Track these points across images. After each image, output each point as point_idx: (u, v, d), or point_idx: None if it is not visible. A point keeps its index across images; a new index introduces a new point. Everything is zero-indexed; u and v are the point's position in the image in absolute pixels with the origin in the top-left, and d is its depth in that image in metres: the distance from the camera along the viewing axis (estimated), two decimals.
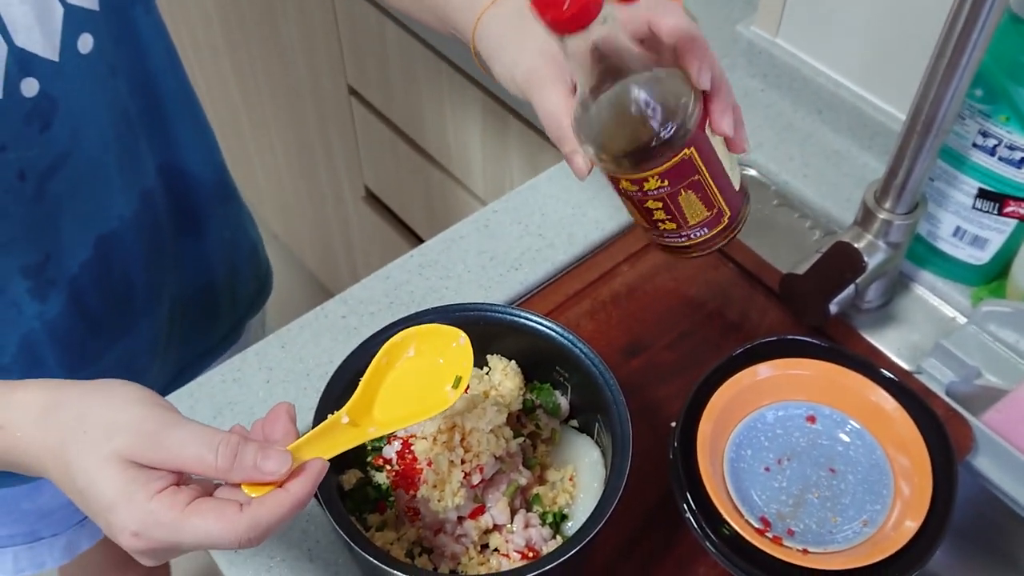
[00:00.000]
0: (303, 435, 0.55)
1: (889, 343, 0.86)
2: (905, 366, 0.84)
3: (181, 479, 0.51)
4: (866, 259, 0.78)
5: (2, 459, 0.54)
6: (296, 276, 2.14)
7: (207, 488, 0.52)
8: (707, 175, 0.61)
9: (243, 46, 1.70)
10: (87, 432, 0.50)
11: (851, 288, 0.80)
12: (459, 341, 0.60)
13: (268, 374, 0.82)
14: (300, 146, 1.75)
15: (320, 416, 0.64)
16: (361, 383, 0.59)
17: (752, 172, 0.99)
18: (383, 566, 0.59)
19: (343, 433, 0.57)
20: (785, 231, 0.94)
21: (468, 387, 0.70)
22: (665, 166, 0.59)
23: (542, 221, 0.93)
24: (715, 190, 0.62)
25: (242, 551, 0.72)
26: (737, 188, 0.64)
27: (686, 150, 0.58)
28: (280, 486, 0.52)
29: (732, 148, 0.63)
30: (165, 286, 0.87)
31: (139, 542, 0.49)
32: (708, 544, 0.69)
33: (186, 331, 0.92)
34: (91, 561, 1.16)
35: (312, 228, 1.94)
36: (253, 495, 0.51)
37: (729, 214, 0.64)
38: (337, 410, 0.58)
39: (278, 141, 1.83)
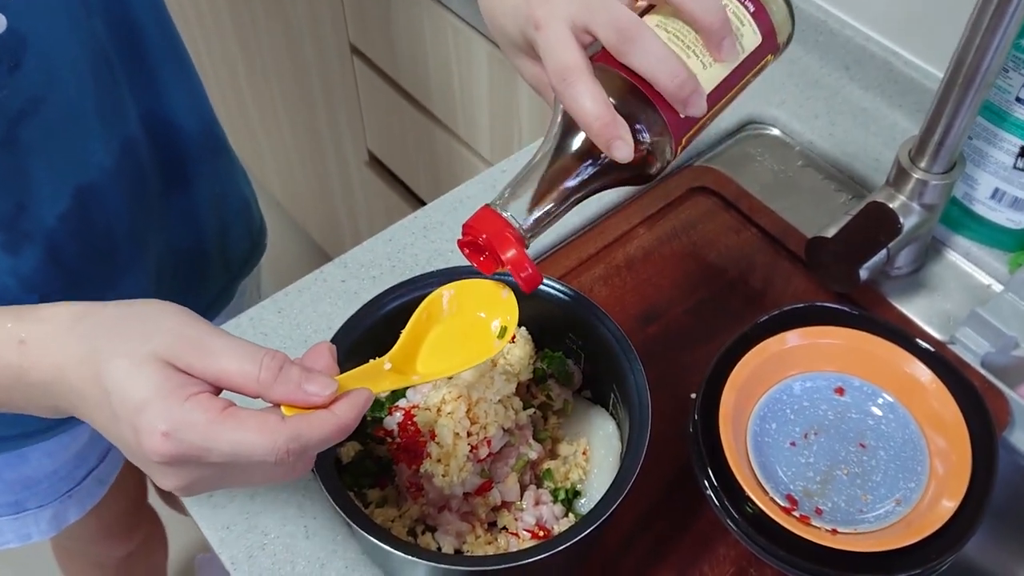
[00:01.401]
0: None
1: (920, 311, 0.81)
2: (937, 336, 0.80)
3: (218, 394, 0.48)
4: (902, 220, 0.73)
5: (15, 388, 0.50)
6: (298, 244, 2.09)
7: None
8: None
9: (244, 4, 1.65)
10: (121, 335, 0.48)
11: (883, 252, 0.75)
12: (502, 295, 0.58)
13: (263, 340, 0.77)
14: (302, 110, 1.70)
15: None
16: (402, 335, 0.57)
17: (775, 131, 0.94)
18: (383, 545, 0.55)
19: (386, 376, 0.54)
20: (810, 193, 0.89)
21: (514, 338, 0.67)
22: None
23: None
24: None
25: (233, 528, 0.68)
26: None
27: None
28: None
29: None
30: (150, 242, 0.82)
31: (168, 444, 0.45)
32: (730, 523, 0.64)
33: (175, 291, 0.88)
34: (82, 533, 1.13)
35: (314, 194, 1.89)
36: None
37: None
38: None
39: (280, 105, 1.78)
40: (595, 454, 0.65)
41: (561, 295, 0.66)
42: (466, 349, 0.57)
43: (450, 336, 0.58)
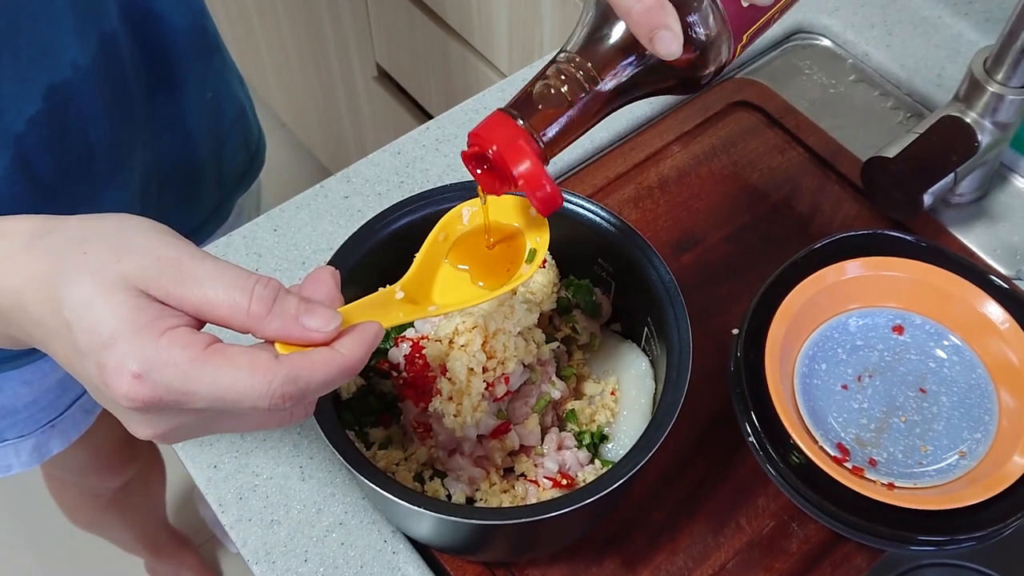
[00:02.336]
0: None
1: (983, 243, 0.73)
2: (1002, 270, 0.72)
3: (200, 328, 0.41)
4: (980, 137, 0.65)
5: None
6: (302, 165, 2.01)
7: None
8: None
9: None
10: (88, 253, 0.40)
11: (950, 176, 0.67)
12: (531, 212, 0.50)
13: (257, 261, 0.70)
14: (308, 22, 1.60)
15: None
16: (416, 259, 0.49)
17: (826, 42, 0.85)
18: (384, 493, 0.48)
19: (398, 307, 0.47)
20: (863, 111, 0.81)
21: (545, 262, 0.59)
22: None
23: None
24: None
25: (222, 467, 0.61)
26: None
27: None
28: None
29: None
30: (135, 152, 0.74)
31: (141, 388, 0.38)
32: (773, 472, 0.58)
33: (163, 209, 0.80)
34: (71, 464, 1.07)
35: (319, 112, 1.80)
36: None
37: None
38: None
39: (285, 18, 1.68)
40: (625, 394, 0.58)
41: (590, 215, 0.58)
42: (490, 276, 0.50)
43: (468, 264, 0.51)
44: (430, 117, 1.43)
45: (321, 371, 0.40)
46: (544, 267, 0.59)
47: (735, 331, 0.62)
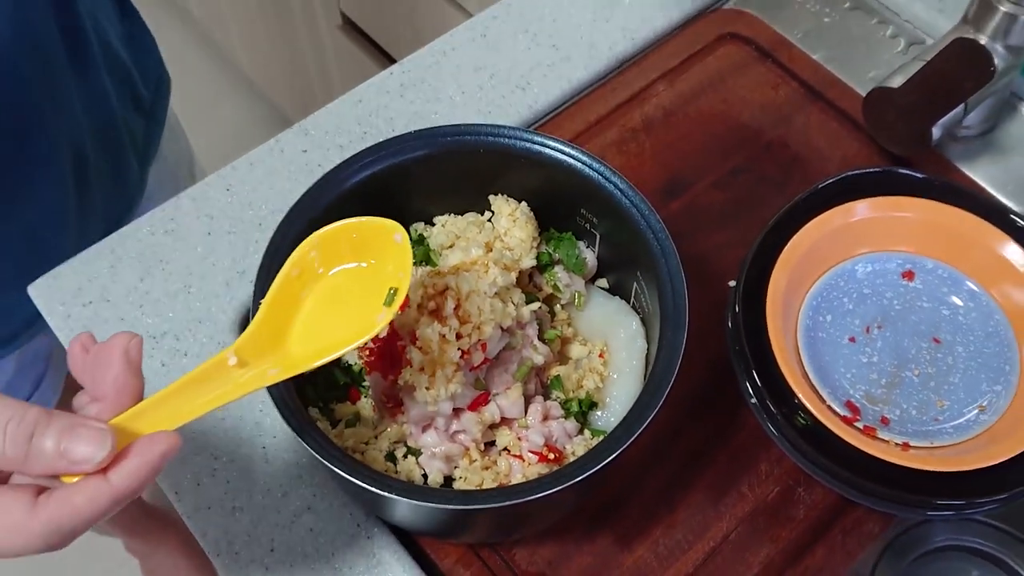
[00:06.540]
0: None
1: (994, 179, 0.68)
2: (1015, 207, 0.67)
3: None
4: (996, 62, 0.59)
5: None
6: (274, 127, 1.94)
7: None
8: None
9: None
10: None
11: (960, 107, 0.62)
12: (395, 238, 0.43)
13: (209, 224, 0.64)
14: None
15: (262, 286, 0.47)
16: (262, 306, 0.42)
17: None
18: (349, 477, 0.43)
19: (223, 381, 0.40)
20: (859, 40, 0.75)
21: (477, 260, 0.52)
22: None
23: (555, 29, 0.73)
24: None
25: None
26: None
27: None
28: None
29: None
30: (63, 129, 0.66)
31: None
32: (778, 435, 0.53)
33: (99, 186, 0.71)
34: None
35: (286, 68, 1.72)
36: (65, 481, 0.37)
37: None
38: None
39: None
40: (615, 357, 0.53)
41: (570, 160, 0.52)
42: (347, 318, 0.43)
43: (328, 299, 0.44)
44: None
45: (87, 511, 0.36)
46: (407, 307, 0.51)
47: (732, 283, 0.57)
